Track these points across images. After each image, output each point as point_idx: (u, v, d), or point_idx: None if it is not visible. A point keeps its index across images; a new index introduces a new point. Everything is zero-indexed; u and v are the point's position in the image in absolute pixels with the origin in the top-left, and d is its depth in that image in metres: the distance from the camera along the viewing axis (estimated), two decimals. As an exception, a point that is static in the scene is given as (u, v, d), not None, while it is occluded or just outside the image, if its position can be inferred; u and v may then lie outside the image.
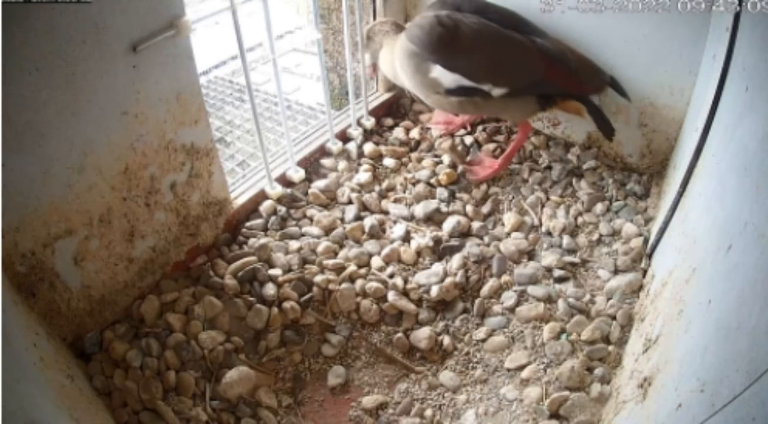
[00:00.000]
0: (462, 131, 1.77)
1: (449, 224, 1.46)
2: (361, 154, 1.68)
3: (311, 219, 1.48)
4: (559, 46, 1.38)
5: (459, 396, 1.20)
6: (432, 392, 1.21)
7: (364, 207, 1.53)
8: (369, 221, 1.46)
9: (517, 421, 1.13)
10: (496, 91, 1.37)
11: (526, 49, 1.35)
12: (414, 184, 1.59)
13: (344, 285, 1.31)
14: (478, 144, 1.72)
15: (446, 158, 1.65)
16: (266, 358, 1.24)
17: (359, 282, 1.33)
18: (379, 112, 1.85)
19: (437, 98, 1.46)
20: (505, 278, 1.36)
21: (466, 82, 1.37)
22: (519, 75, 1.38)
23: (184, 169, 1.26)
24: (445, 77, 1.39)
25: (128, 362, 1.14)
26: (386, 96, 1.88)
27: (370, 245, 1.42)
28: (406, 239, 1.44)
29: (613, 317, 1.26)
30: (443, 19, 1.36)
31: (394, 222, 1.50)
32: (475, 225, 1.48)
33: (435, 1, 1.49)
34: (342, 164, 1.63)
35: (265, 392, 1.18)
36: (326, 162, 1.64)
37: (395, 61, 1.49)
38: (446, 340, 1.27)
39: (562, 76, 1.36)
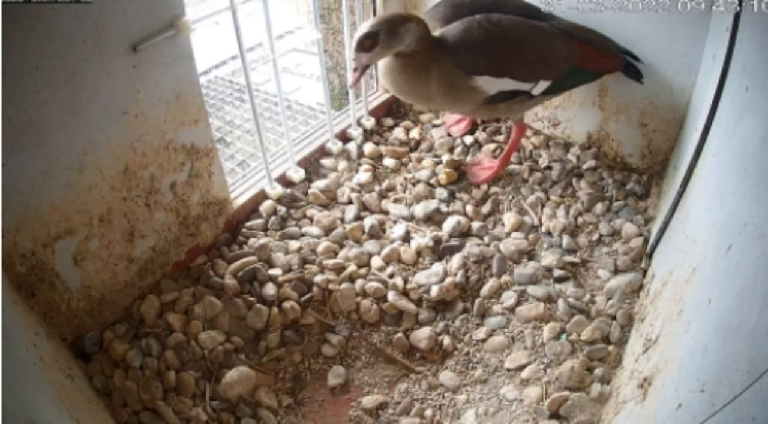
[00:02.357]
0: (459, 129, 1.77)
1: (449, 224, 1.46)
2: (361, 154, 1.68)
3: (311, 219, 1.48)
4: (578, 27, 1.38)
5: (459, 396, 1.20)
6: (432, 392, 1.21)
7: (364, 207, 1.53)
8: (369, 221, 1.46)
9: (517, 421, 1.13)
10: (541, 87, 1.33)
11: (558, 36, 1.33)
12: (414, 184, 1.59)
13: (344, 285, 1.31)
14: (478, 144, 1.72)
15: (445, 157, 1.65)
16: (266, 358, 1.24)
17: (359, 282, 1.33)
18: (379, 112, 1.85)
19: (472, 106, 1.36)
20: (505, 278, 1.36)
21: (509, 87, 1.30)
22: (561, 63, 1.35)
23: (184, 169, 1.26)
24: (491, 85, 1.29)
25: (128, 362, 1.14)
26: (386, 96, 1.88)
27: (370, 245, 1.42)
28: (406, 239, 1.44)
29: (613, 317, 1.26)
30: (483, 24, 1.26)
31: (394, 222, 1.50)
32: (475, 225, 1.48)
33: (440, 3, 1.39)
34: (342, 164, 1.63)
35: (265, 392, 1.18)
36: (326, 162, 1.64)
37: (431, 85, 1.31)
38: (446, 340, 1.27)
39: (595, 55, 1.37)
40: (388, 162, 1.66)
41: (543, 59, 1.33)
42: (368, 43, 1.23)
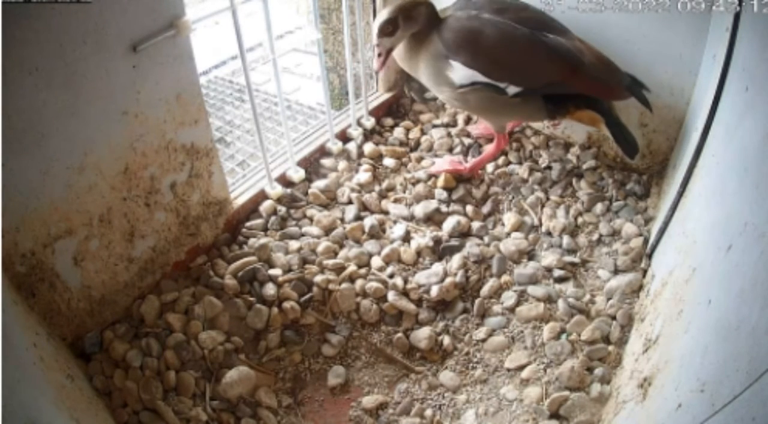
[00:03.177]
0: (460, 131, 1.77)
1: (449, 224, 1.46)
2: (361, 154, 1.68)
3: (311, 219, 1.48)
4: (579, 46, 1.34)
5: (459, 396, 1.20)
6: (432, 392, 1.21)
7: (364, 207, 1.53)
8: (369, 221, 1.46)
9: (517, 421, 1.13)
10: (512, 89, 1.35)
11: (544, 49, 1.32)
12: (414, 184, 1.59)
13: (344, 285, 1.31)
14: (478, 145, 1.72)
15: (445, 158, 1.65)
16: (266, 358, 1.24)
17: (359, 282, 1.33)
18: (379, 112, 1.85)
19: (449, 93, 1.43)
20: (505, 278, 1.36)
21: (480, 78, 1.36)
22: (537, 75, 1.35)
23: (184, 169, 1.26)
24: (460, 73, 1.37)
25: (128, 362, 1.14)
26: (386, 96, 1.88)
27: (370, 245, 1.42)
28: (406, 239, 1.44)
29: (613, 317, 1.26)
30: (472, 20, 1.37)
31: (394, 222, 1.50)
32: (475, 225, 1.48)
33: (457, 2, 1.46)
34: (342, 164, 1.63)
35: (265, 392, 1.18)
36: (326, 162, 1.64)
37: (420, 59, 1.44)
38: (446, 340, 1.27)
39: (581, 79, 1.32)
40: (388, 162, 1.66)
41: (515, 65, 1.35)
42: (389, 29, 1.38)
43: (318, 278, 1.31)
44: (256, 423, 1.14)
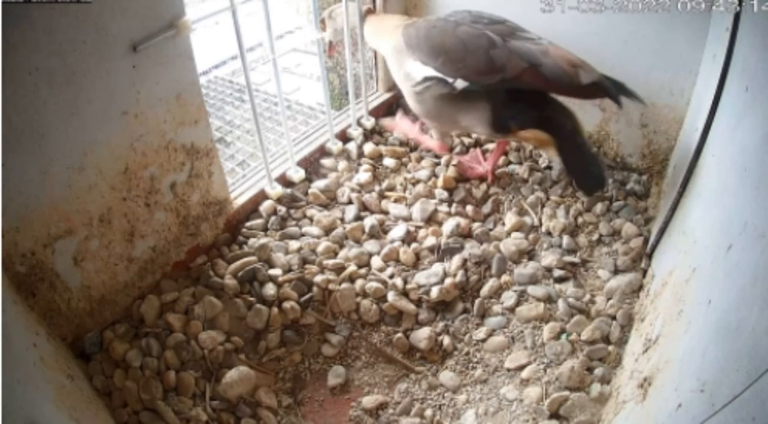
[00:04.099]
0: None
1: (449, 224, 1.46)
2: (361, 154, 1.68)
3: (311, 219, 1.48)
4: (545, 48, 1.30)
5: (459, 396, 1.20)
6: (432, 392, 1.21)
7: (364, 207, 1.53)
8: (369, 221, 1.46)
9: (517, 421, 1.13)
10: (460, 83, 1.34)
11: (501, 49, 1.31)
12: (414, 185, 1.59)
13: (344, 285, 1.31)
14: (478, 145, 1.72)
15: (445, 158, 1.64)
16: (266, 358, 1.24)
17: (359, 282, 1.33)
18: (379, 112, 1.85)
19: (407, 88, 1.47)
20: (505, 278, 1.36)
21: (433, 73, 1.37)
22: (489, 72, 1.32)
23: (184, 169, 1.26)
24: (415, 68, 1.40)
25: (128, 362, 1.14)
26: (386, 96, 1.88)
27: (370, 245, 1.42)
28: (406, 239, 1.44)
29: (613, 317, 1.26)
30: (438, 21, 1.40)
31: (394, 222, 1.50)
32: (475, 225, 1.48)
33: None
34: (342, 164, 1.63)
35: (265, 392, 1.18)
36: (326, 162, 1.64)
37: (387, 53, 1.53)
38: (446, 340, 1.27)
39: (537, 77, 1.28)
40: (388, 162, 1.66)
41: (468, 62, 1.33)
42: (322, 26, 1.62)
43: (318, 278, 1.31)
44: (256, 423, 1.14)
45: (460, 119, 1.44)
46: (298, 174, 1.55)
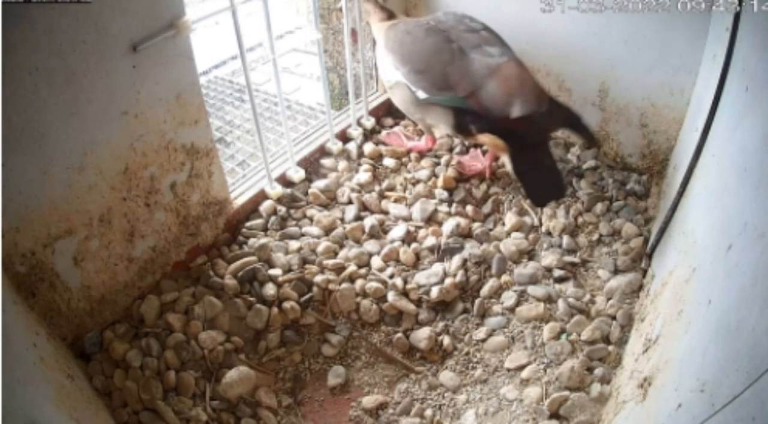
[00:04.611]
0: None
1: (449, 224, 1.46)
2: (361, 154, 1.68)
3: (311, 219, 1.48)
4: (501, 68, 1.30)
5: (459, 396, 1.20)
6: (432, 392, 1.21)
7: (364, 207, 1.53)
8: (369, 221, 1.46)
9: (517, 421, 1.13)
10: (421, 94, 1.40)
11: (458, 65, 1.33)
12: (414, 185, 1.59)
13: (344, 285, 1.31)
14: (479, 146, 1.72)
15: (445, 158, 1.64)
16: (266, 358, 1.24)
17: (359, 282, 1.33)
18: (379, 112, 1.85)
19: (387, 84, 1.55)
20: (505, 278, 1.36)
21: (402, 79, 1.45)
22: (446, 88, 1.35)
23: (184, 169, 1.26)
24: (390, 69, 1.49)
25: (128, 362, 1.14)
26: (386, 96, 1.88)
27: (370, 245, 1.42)
28: (406, 239, 1.44)
29: (613, 317, 1.26)
30: (418, 27, 1.44)
31: (394, 222, 1.50)
32: (475, 225, 1.48)
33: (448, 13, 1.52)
34: (342, 164, 1.63)
35: (265, 392, 1.18)
36: (326, 162, 1.64)
37: (378, 47, 1.59)
38: (446, 340, 1.27)
39: (477, 101, 1.30)
40: (388, 162, 1.66)
41: (430, 75, 1.37)
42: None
43: (318, 278, 1.31)
44: (256, 423, 1.14)
45: (427, 117, 1.49)
46: (298, 174, 1.55)
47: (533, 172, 1.35)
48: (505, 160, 1.37)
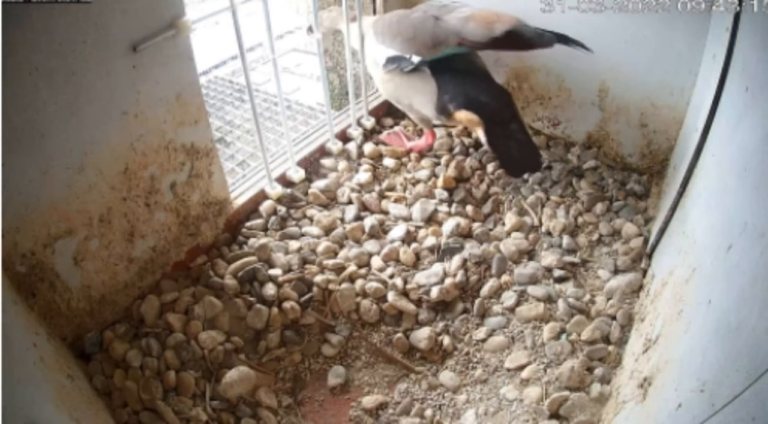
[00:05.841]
0: None
1: (449, 224, 1.46)
2: (361, 154, 1.68)
3: (311, 219, 1.48)
4: (466, 17, 1.41)
5: (459, 396, 1.20)
6: (432, 392, 1.21)
7: (364, 207, 1.53)
8: (369, 221, 1.46)
9: (517, 421, 1.13)
10: (415, 58, 1.46)
11: (439, 28, 1.42)
12: (414, 185, 1.59)
13: (344, 285, 1.31)
14: (480, 145, 1.72)
15: (445, 158, 1.65)
16: (266, 358, 1.24)
17: (359, 282, 1.33)
18: (379, 112, 1.85)
19: (375, 72, 1.60)
20: (505, 278, 1.36)
21: (392, 53, 1.51)
22: (434, 46, 1.44)
23: (184, 169, 1.26)
24: (382, 53, 1.53)
25: (128, 362, 1.14)
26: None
27: (370, 245, 1.42)
28: (406, 239, 1.44)
29: (613, 317, 1.26)
30: (397, 14, 1.54)
31: (394, 222, 1.50)
32: (476, 225, 1.48)
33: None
34: (342, 164, 1.63)
35: (265, 392, 1.18)
36: (326, 162, 1.64)
37: (366, 52, 1.65)
38: (446, 340, 1.27)
39: (466, 42, 1.40)
40: (388, 162, 1.66)
41: (417, 40, 1.46)
42: None
43: (318, 278, 1.31)
44: (256, 423, 1.14)
45: (414, 102, 1.55)
46: (298, 174, 1.55)
47: (507, 145, 1.45)
48: (480, 134, 1.46)
